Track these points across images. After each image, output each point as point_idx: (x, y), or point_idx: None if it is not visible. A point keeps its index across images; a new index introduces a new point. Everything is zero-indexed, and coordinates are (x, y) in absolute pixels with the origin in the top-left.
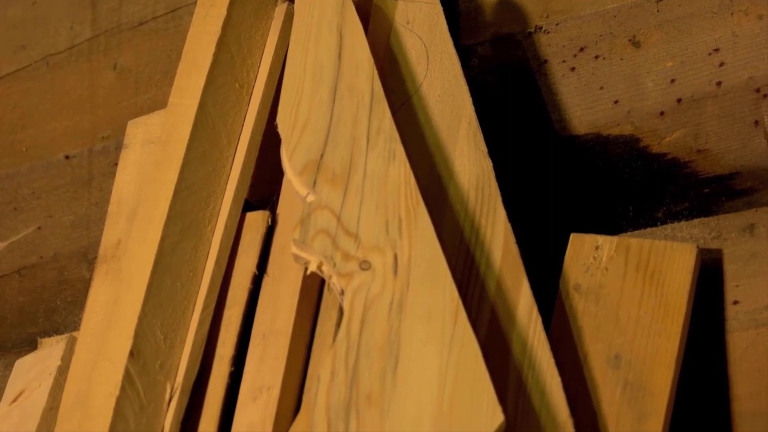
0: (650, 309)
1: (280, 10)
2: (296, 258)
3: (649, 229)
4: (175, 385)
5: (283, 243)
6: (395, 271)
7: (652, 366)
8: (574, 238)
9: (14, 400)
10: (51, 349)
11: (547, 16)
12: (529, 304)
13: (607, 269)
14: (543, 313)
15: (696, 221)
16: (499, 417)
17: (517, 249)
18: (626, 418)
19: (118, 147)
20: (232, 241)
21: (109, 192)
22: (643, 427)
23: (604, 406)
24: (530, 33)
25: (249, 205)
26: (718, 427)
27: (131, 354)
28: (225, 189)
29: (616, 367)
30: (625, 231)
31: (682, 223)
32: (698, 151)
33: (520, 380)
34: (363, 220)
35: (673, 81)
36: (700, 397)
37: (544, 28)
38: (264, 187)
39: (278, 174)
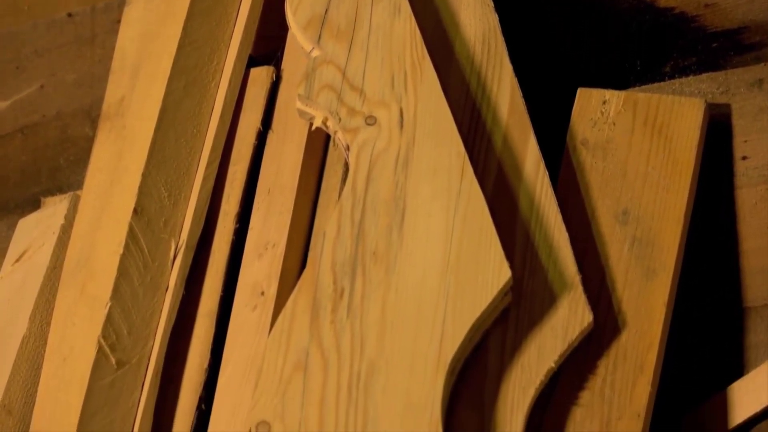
0: (658, 164)
1: None
2: (301, 113)
3: (656, 84)
4: (180, 243)
5: (288, 98)
6: (401, 126)
7: (660, 221)
8: (581, 92)
9: (17, 260)
10: (54, 208)
11: None
12: (536, 159)
13: (614, 124)
14: (550, 169)
15: (704, 76)
16: (506, 273)
17: (524, 104)
18: (635, 274)
19: (121, 4)
20: (236, 97)
21: (113, 49)
22: (652, 283)
23: (612, 261)
24: None
25: (253, 61)
26: (727, 283)
27: (135, 211)
28: (229, 44)
29: (624, 223)
30: (633, 86)
31: (690, 77)
32: (706, 5)
33: (528, 236)
34: (368, 74)
35: None
36: (708, 254)
37: None
38: (268, 43)
39: (283, 29)
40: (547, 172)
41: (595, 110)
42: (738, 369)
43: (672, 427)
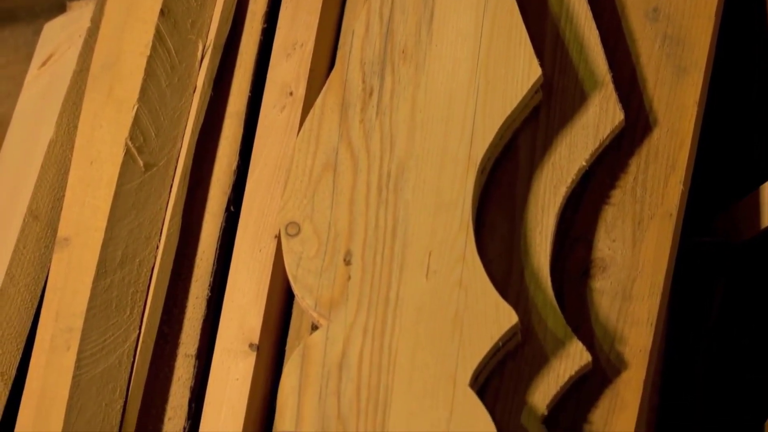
0: None
1: None
2: None
3: None
4: (207, 43)
5: None
6: None
7: (691, 19)
8: None
9: (43, 64)
10: (80, 12)
11: None
12: None
13: None
14: None
15: None
16: (536, 70)
17: None
18: (665, 72)
19: None
20: None
21: None
22: (683, 81)
23: (643, 59)
24: None
25: None
26: (758, 83)
27: (162, 13)
28: None
29: (654, 20)
30: None
31: None
32: None
33: (558, 34)
34: None
35: None
36: (739, 53)
37: None
38: None
39: None
40: None
41: None
42: None
43: (704, 227)
